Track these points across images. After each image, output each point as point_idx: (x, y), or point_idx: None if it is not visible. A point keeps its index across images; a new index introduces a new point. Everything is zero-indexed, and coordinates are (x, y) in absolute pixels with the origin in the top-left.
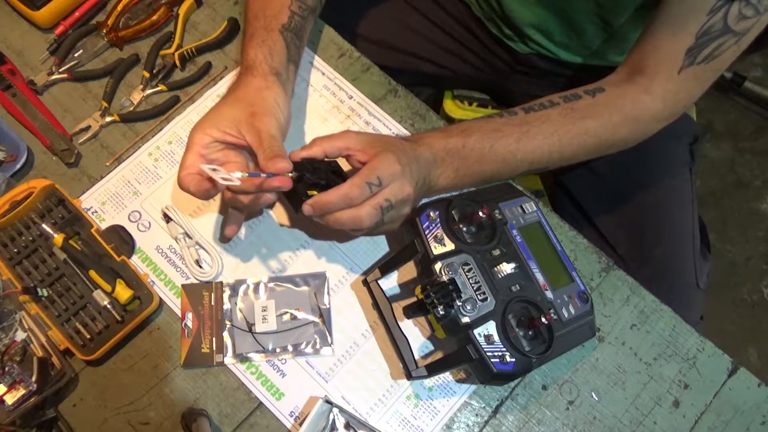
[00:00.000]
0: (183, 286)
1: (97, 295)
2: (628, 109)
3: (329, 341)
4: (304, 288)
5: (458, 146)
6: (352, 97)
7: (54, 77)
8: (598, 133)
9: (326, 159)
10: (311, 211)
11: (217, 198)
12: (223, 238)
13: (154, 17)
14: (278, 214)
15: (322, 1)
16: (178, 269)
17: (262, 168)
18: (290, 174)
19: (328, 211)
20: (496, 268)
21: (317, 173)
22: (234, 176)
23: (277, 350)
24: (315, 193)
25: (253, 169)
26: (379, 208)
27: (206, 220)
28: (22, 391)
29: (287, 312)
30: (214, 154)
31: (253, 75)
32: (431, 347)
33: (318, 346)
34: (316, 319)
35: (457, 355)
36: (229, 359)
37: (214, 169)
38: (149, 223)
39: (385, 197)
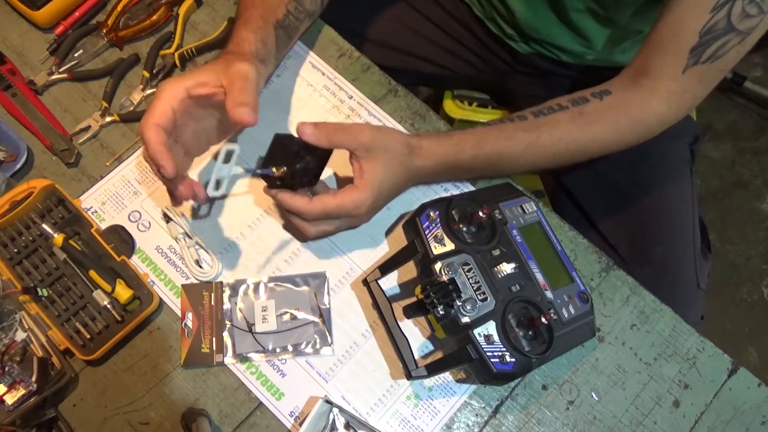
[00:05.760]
0: (183, 286)
1: (97, 295)
2: (635, 114)
3: (329, 341)
4: (304, 288)
5: (468, 159)
6: (352, 97)
7: (54, 77)
8: (604, 139)
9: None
10: (274, 198)
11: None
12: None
13: (154, 17)
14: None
15: (323, 5)
16: (178, 269)
17: (228, 111)
18: (280, 171)
19: (284, 207)
20: (496, 268)
21: (304, 162)
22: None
23: (277, 350)
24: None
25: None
26: (325, 234)
27: (206, 220)
28: (22, 391)
29: (287, 312)
30: (181, 118)
31: (239, 54)
32: (431, 347)
33: (318, 346)
34: (316, 319)
35: (457, 355)
36: (229, 359)
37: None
38: (149, 223)
39: (336, 227)
